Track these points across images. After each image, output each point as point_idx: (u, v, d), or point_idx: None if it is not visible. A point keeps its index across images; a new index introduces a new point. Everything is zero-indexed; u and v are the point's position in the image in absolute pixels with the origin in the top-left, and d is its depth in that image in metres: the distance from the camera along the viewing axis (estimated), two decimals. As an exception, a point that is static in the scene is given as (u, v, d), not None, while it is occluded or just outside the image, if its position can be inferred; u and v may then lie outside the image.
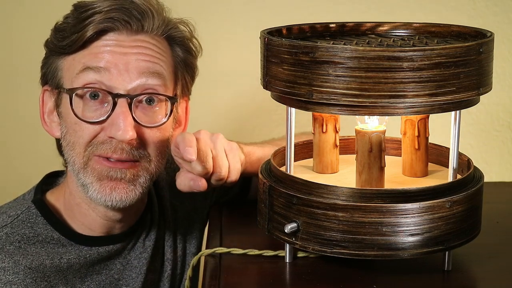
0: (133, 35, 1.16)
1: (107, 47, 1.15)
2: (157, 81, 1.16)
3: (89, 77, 1.14)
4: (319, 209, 1.00)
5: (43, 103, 1.23)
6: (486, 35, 1.05)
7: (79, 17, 1.15)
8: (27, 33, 1.82)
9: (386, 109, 0.96)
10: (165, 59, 1.19)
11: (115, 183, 1.16)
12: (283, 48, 0.99)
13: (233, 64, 1.84)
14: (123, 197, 1.16)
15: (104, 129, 1.14)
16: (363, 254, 1.00)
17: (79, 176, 1.17)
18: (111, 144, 1.14)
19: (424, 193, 1.00)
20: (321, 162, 1.14)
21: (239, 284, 1.05)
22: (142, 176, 1.18)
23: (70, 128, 1.16)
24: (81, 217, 1.22)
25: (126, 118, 1.13)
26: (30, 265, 1.15)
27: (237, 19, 1.83)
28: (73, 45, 1.15)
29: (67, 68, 1.17)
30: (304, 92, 0.98)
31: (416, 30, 1.15)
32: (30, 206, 1.21)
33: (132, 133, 1.13)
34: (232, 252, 1.12)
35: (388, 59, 0.94)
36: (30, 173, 1.53)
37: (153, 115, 1.17)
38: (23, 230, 1.19)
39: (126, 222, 1.25)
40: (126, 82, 1.14)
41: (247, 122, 1.87)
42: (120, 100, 1.14)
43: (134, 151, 1.15)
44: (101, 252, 1.23)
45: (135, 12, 1.15)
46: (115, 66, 1.14)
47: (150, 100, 1.16)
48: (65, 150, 1.18)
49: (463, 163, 1.11)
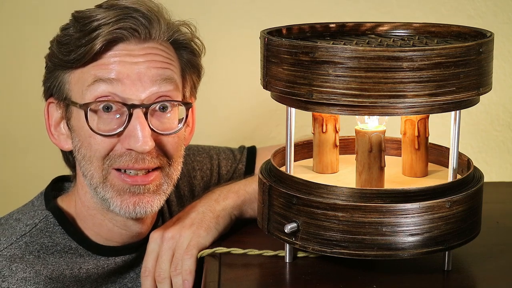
0: (141, 44, 1.14)
1: (116, 58, 1.13)
2: (169, 86, 1.15)
3: (101, 89, 1.12)
4: (319, 209, 1.00)
5: (48, 116, 1.21)
6: (486, 35, 1.05)
7: (84, 30, 1.13)
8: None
9: (386, 109, 0.96)
10: (174, 63, 1.18)
11: (138, 198, 1.15)
12: (283, 48, 0.99)
13: (233, 64, 1.84)
14: (148, 210, 1.15)
15: (121, 141, 1.13)
16: (363, 254, 1.00)
17: (97, 191, 1.16)
18: (130, 156, 1.13)
19: (424, 193, 1.00)
20: (321, 162, 1.14)
21: (239, 284, 1.05)
22: (165, 183, 1.17)
23: (84, 141, 1.15)
24: (95, 227, 1.21)
25: (144, 129, 1.11)
26: (51, 275, 1.14)
27: (237, 19, 1.82)
28: (81, 59, 1.13)
29: (76, 81, 1.15)
30: (304, 92, 0.98)
31: (416, 30, 1.15)
32: (48, 215, 1.20)
33: (151, 143, 1.12)
34: (232, 252, 1.12)
35: (388, 59, 0.94)
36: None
37: (168, 122, 1.16)
38: (42, 239, 1.18)
39: (143, 231, 1.23)
40: (139, 92, 1.13)
41: (247, 122, 1.87)
42: (135, 110, 1.12)
43: (154, 160, 1.15)
44: (118, 262, 1.22)
45: (142, 20, 1.14)
46: (127, 77, 1.12)
47: (164, 107, 1.15)
48: (81, 163, 1.16)
49: (463, 163, 1.11)
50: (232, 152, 1.45)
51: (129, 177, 1.14)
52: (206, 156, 1.42)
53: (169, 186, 1.18)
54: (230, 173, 1.42)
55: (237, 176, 1.42)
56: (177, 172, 1.19)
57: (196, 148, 1.43)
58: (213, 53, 1.79)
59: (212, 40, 1.79)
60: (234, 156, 1.44)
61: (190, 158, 1.40)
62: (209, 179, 1.41)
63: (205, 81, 1.29)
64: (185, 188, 1.38)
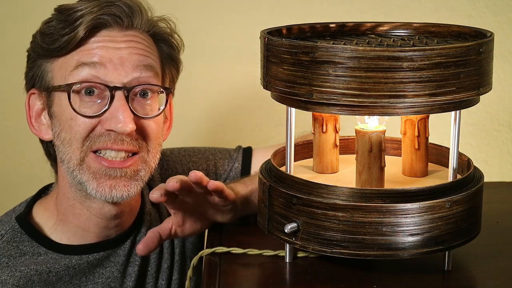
0: (123, 31, 1.18)
1: (99, 43, 1.16)
2: (150, 73, 1.18)
3: (85, 73, 1.15)
4: (319, 209, 1.00)
5: (29, 107, 1.23)
6: (486, 35, 1.05)
7: (67, 19, 1.16)
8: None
9: (386, 109, 0.96)
10: (154, 54, 1.21)
11: (115, 181, 1.16)
12: (283, 48, 0.99)
13: (233, 64, 1.84)
14: (124, 194, 1.17)
15: (101, 122, 1.15)
16: (363, 254, 1.00)
17: (74, 174, 1.17)
18: (109, 137, 1.15)
19: (424, 193, 1.00)
20: (321, 162, 1.14)
21: (239, 284, 1.05)
22: (142, 169, 1.19)
23: (65, 124, 1.17)
24: (75, 218, 1.22)
25: (125, 111, 1.14)
26: (18, 282, 1.15)
27: (237, 19, 1.82)
28: (66, 47, 1.16)
29: (59, 68, 1.18)
30: (304, 92, 0.98)
31: (416, 30, 1.15)
32: (14, 225, 1.21)
33: (132, 125, 1.14)
34: (232, 252, 1.12)
35: (388, 59, 0.94)
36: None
37: (148, 107, 1.19)
38: (9, 251, 1.19)
39: (120, 222, 1.24)
40: (121, 76, 1.16)
41: (247, 122, 1.87)
42: (117, 93, 1.15)
43: (133, 142, 1.17)
44: (91, 261, 1.22)
45: (125, 9, 1.18)
46: (110, 61, 1.16)
47: (144, 93, 1.18)
48: (60, 148, 1.18)
49: (463, 163, 1.11)
50: (228, 151, 1.45)
51: (106, 161, 1.16)
52: (201, 157, 1.42)
53: (147, 173, 1.20)
54: (227, 172, 1.43)
55: (234, 175, 1.42)
56: (155, 160, 1.21)
57: (191, 150, 1.44)
58: (213, 53, 1.79)
59: (212, 39, 1.80)
60: (230, 156, 1.44)
61: (185, 159, 1.41)
62: None
63: (205, 81, 1.29)
64: None
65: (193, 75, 1.70)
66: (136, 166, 1.18)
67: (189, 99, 1.80)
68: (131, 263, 1.27)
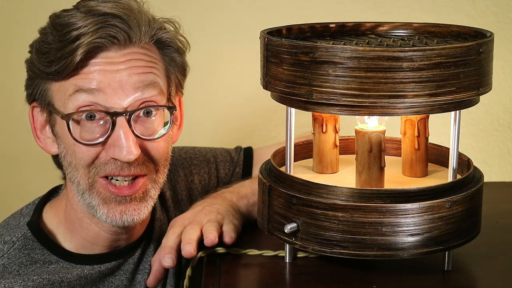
0: (121, 50, 1.12)
1: (97, 66, 1.11)
2: (153, 91, 1.13)
3: (83, 99, 1.10)
4: (319, 209, 1.00)
5: (33, 119, 1.19)
6: (486, 35, 1.05)
7: (63, 40, 1.10)
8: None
9: (386, 109, 0.96)
10: (157, 65, 1.16)
11: (124, 206, 1.14)
12: (283, 48, 0.99)
13: (233, 64, 1.84)
14: (135, 218, 1.14)
15: (105, 149, 1.12)
16: (363, 254, 0.99)
17: (84, 197, 1.14)
18: (115, 164, 1.12)
19: (424, 193, 1.00)
20: (321, 162, 1.14)
21: (239, 284, 1.05)
22: (152, 189, 1.16)
23: (69, 149, 1.13)
24: (83, 231, 1.20)
25: (128, 138, 1.10)
26: None
27: (237, 19, 1.83)
28: (62, 72, 1.11)
29: (57, 90, 1.13)
30: (304, 92, 0.98)
31: (416, 30, 1.15)
32: (26, 232, 1.18)
33: (136, 152, 1.10)
34: (232, 252, 1.12)
35: (388, 59, 0.94)
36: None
37: (153, 127, 1.14)
38: (20, 259, 1.16)
39: (131, 234, 1.22)
40: (121, 100, 1.11)
41: (247, 122, 1.87)
42: (118, 118, 1.10)
43: (140, 166, 1.13)
44: (102, 270, 1.20)
45: (121, 26, 1.11)
46: (109, 86, 1.10)
47: (148, 112, 1.13)
48: (68, 170, 1.15)
49: (463, 163, 1.11)
50: (229, 153, 1.44)
51: (115, 188, 1.13)
52: (203, 159, 1.41)
53: (156, 191, 1.17)
54: (229, 176, 1.42)
55: (235, 179, 1.41)
56: (163, 175, 1.18)
57: (192, 152, 1.42)
58: (213, 53, 1.79)
59: (212, 39, 1.80)
60: (232, 158, 1.43)
61: (187, 162, 1.39)
62: (207, 182, 1.40)
63: (205, 81, 1.29)
64: (182, 193, 1.37)
65: (193, 75, 1.70)
66: (145, 187, 1.15)
67: (189, 99, 1.80)
68: (140, 270, 1.25)
